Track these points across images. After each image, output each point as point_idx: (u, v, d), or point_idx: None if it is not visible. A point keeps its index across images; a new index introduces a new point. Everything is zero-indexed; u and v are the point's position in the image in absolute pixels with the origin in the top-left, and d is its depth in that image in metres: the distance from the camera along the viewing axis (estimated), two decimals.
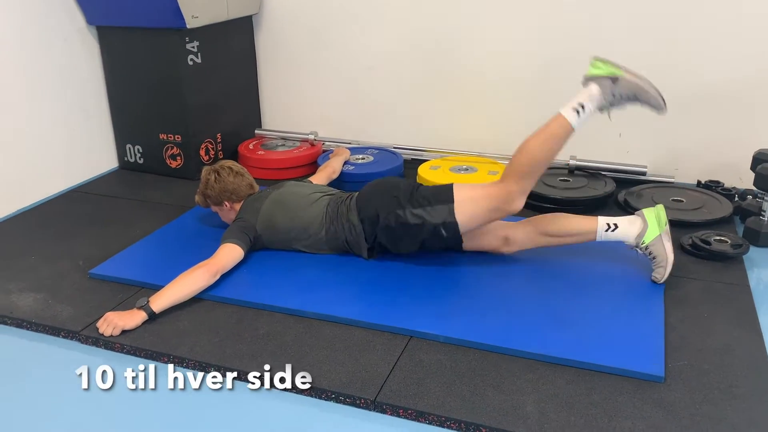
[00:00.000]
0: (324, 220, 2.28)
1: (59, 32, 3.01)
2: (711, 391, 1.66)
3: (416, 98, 3.35)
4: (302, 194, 2.37)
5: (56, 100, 3.04)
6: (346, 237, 2.26)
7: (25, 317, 2.04)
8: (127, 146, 3.33)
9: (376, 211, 2.19)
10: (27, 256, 2.44)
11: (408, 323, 1.93)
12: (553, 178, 2.95)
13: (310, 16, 3.39)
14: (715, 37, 2.79)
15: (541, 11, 3.00)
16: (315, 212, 2.30)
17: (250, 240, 2.26)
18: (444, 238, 2.15)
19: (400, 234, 2.18)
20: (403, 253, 2.26)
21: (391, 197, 2.19)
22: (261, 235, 2.30)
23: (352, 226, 2.24)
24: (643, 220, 2.12)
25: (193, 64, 3.10)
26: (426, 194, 2.17)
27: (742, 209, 2.63)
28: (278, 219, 2.31)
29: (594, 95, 2.10)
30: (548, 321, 1.93)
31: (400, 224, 2.16)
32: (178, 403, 1.70)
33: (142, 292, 2.15)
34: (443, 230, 2.13)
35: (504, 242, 2.25)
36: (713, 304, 2.05)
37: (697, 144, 2.97)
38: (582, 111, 2.09)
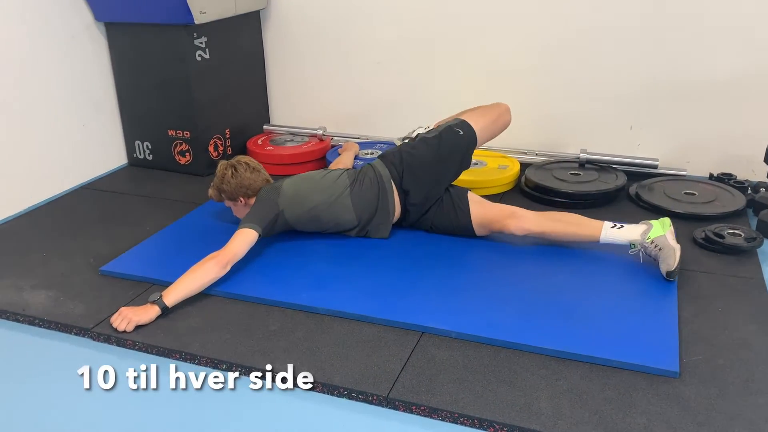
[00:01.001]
0: (347, 181, 2.35)
1: (67, 29, 3.01)
2: (726, 387, 1.64)
3: (425, 92, 3.33)
4: (319, 174, 2.45)
5: (65, 97, 3.04)
6: (372, 187, 2.35)
7: (37, 314, 2.04)
8: (136, 143, 3.33)
9: (398, 150, 2.42)
10: (38, 253, 2.45)
11: (420, 319, 1.92)
12: (563, 171, 2.93)
13: (317, 11, 3.37)
14: (727, 28, 2.76)
15: (551, 4, 2.97)
16: (337, 178, 2.38)
17: (270, 220, 2.26)
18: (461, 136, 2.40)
19: (422, 152, 2.37)
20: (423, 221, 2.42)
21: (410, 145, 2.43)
22: (284, 210, 2.30)
23: (376, 174, 2.36)
24: (648, 224, 2.16)
25: (201, 60, 3.09)
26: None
27: (755, 202, 2.60)
28: (302, 188, 2.36)
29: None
30: (561, 316, 1.92)
31: (421, 140, 2.42)
32: (190, 401, 1.70)
33: (152, 288, 2.15)
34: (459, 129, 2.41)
35: (511, 214, 2.28)
36: (727, 299, 2.03)
37: (708, 136, 2.94)
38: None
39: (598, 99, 3.05)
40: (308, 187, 2.37)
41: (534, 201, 2.80)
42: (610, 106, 3.05)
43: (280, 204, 2.30)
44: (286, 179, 2.43)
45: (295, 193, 2.34)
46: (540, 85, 3.13)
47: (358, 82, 3.44)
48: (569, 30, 2.99)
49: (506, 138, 3.20)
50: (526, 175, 2.93)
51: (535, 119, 3.19)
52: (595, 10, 2.92)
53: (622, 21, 2.89)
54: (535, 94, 3.15)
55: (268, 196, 2.34)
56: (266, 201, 2.31)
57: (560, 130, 3.17)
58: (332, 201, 2.33)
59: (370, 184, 2.35)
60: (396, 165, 2.38)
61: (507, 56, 3.13)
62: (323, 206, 2.33)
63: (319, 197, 2.33)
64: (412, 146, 2.43)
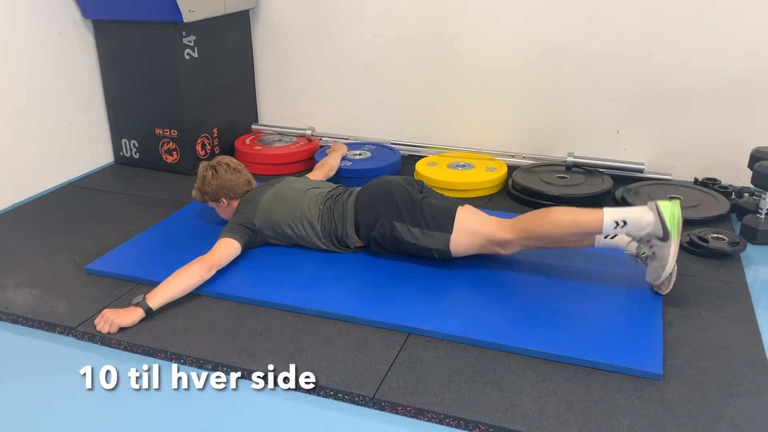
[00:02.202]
0: (321, 215, 2.27)
1: (54, 26, 2.98)
2: (710, 389, 1.66)
3: (413, 94, 3.34)
4: (300, 189, 2.36)
5: (51, 94, 3.01)
6: (339, 234, 2.26)
7: (21, 313, 2.02)
8: (122, 141, 3.31)
9: (374, 215, 2.19)
10: (22, 251, 2.42)
11: (406, 320, 1.92)
12: (550, 174, 2.95)
13: (307, 11, 3.37)
14: (712, 34, 2.79)
15: (540, 9, 2.99)
16: (313, 206, 2.29)
17: (249, 235, 2.25)
18: (434, 258, 2.18)
19: (392, 243, 2.20)
20: None
21: (392, 204, 2.18)
22: (260, 228, 2.29)
23: (346, 225, 2.24)
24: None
25: (189, 58, 3.08)
26: (428, 213, 2.15)
27: (739, 207, 2.63)
28: (277, 212, 2.30)
29: (641, 223, 1.94)
30: (547, 318, 1.93)
31: (393, 236, 2.17)
32: (176, 402, 1.69)
33: (138, 287, 2.13)
34: (435, 254, 2.16)
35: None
36: (711, 302, 2.05)
37: (694, 141, 2.97)
38: (620, 226, 1.95)
39: (585, 103, 3.07)
40: (283, 212, 2.29)
41: (521, 203, 2.81)
42: (597, 110, 3.07)
43: (256, 222, 2.28)
44: (268, 190, 2.36)
45: (269, 216, 2.28)
46: (528, 89, 3.15)
47: (347, 82, 3.44)
48: (557, 35, 3.01)
49: (494, 141, 3.24)
50: (513, 178, 2.94)
51: (523, 122, 3.21)
52: (582, 15, 2.94)
53: (610, 27, 2.92)
54: (523, 98, 3.17)
55: (246, 210, 2.30)
56: (244, 216, 2.28)
57: (547, 133, 3.19)
58: (305, 233, 2.28)
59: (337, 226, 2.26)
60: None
61: (495, 60, 3.14)
62: (296, 236, 2.30)
63: (292, 227, 2.28)
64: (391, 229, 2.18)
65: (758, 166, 2.44)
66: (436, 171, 2.98)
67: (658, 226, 1.92)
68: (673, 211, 1.92)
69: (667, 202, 1.95)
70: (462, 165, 3.06)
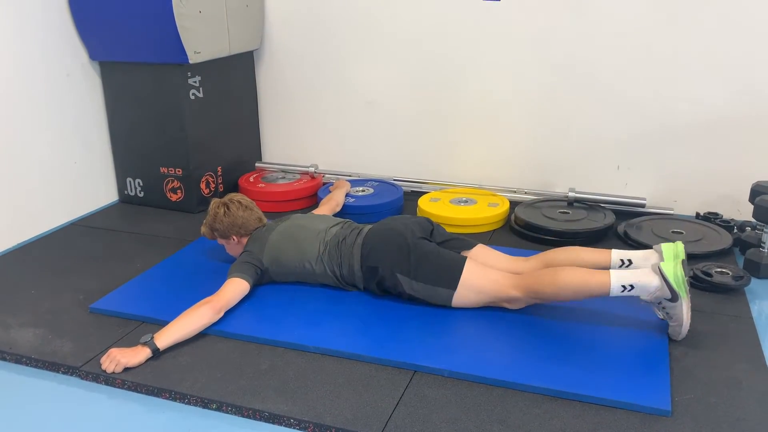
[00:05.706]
0: (330, 256, 2.27)
1: (62, 67, 3.04)
2: (719, 425, 1.65)
3: (415, 131, 3.38)
4: (309, 227, 2.36)
5: (58, 133, 3.05)
6: (347, 275, 2.27)
7: (25, 353, 2.02)
8: (127, 180, 3.34)
9: (378, 262, 2.19)
10: (27, 291, 2.42)
11: (412, 357, 1.91)
12: (552, 210, 2.97)
13: (310, 51, 3.43)
14: (713, 69, 2.83)
15: (540, 46, 3.05)
16: (322, 248, 2.29)
17: (257, 273, 2.26)
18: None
19: (394, 290, 2.20)
20: None
21: (399, 253, 2.16)
22: (268, 267, 2.30)
23: (353, 267, 2.24)
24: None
25: (194, 98, 3.13)
26: (435, 266, 2.14)
27: (741, 241, 2.64)
28: (285, 252, 2.30)
29: (649, 288, 1.94)
30: (553, 355, 1.92)
31: (395, 285, 2.18)
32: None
33: (143, 326, 2.13)
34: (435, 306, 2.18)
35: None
36: (717, 337, 2.04)
37: (695, 176, 2.99)
38: (627, 290, 1.95)
39: (586, 139, 3.10)
40: (291, 252, 2.29)
41: (523, 239, 2.82)
42: (597, 146, 3.10)
43: (264, 261, 2.29)
44: (276, 228, 2.37)
45: (277, 255, 2.29)
46: (529, 125, 3.18)
47: (350, 120, 3.48)
48: (557, 73, 3.06)
49: (496, 176, 3.26)
50: (515, 213, 2.96)
51: (524, 158, 3.24)
52: (582, 54, 2.99)
53: (610, 63, 2.96)
54: (524, 134, 3.20)
55: (255, 248, 2.31)
56: (253, 255, 2.30)
57: (549, 169, 3.21)
58: (312, 272, 2.29)
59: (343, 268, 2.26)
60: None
61: (497, 96, 3.19)
62: (304, 275, 2.31)
63: (300, 267, 2.28)
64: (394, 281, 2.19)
65: (759, 200, 2.45)
66: (438, 207, 3.00)
67: (665, 289, 1.92)
68: (675, 271, 1.92)
69: (670, 262, 1.95)
70: (464, 201, 3.08)
